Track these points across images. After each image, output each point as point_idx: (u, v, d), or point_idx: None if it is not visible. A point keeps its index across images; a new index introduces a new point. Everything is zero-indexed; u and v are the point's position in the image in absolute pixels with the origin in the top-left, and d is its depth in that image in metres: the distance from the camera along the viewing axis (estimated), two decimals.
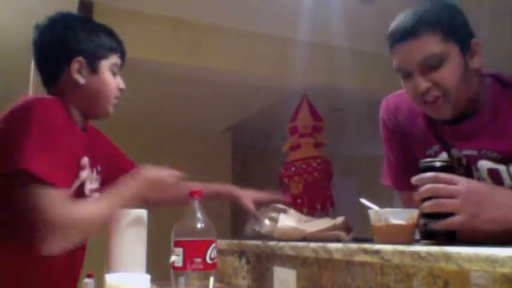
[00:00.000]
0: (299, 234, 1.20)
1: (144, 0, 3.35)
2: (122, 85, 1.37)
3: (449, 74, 1.10)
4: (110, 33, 1.37)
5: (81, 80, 1.28)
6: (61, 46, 1.28)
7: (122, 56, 1.38)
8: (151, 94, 4.79)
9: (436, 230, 0.94)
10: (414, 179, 0.96)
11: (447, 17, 1.11)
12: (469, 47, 1.13)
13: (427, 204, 0.93)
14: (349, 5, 3.33)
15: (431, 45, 1.09)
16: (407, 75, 1.15)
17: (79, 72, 1.28)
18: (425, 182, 0.94)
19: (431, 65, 1.10)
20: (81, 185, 1.26)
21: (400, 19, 1.14)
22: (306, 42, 3.67)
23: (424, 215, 0.96)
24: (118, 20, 3.47)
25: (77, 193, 1.22)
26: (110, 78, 1.33)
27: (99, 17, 3.19)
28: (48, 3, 1.47)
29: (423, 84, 1.11)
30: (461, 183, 0.93)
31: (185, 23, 3.58)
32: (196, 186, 1.22)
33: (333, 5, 3.31)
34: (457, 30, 1.11)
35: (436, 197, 0.93)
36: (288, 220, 1.27)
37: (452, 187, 0.92)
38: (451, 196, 0.91)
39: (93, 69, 1.30)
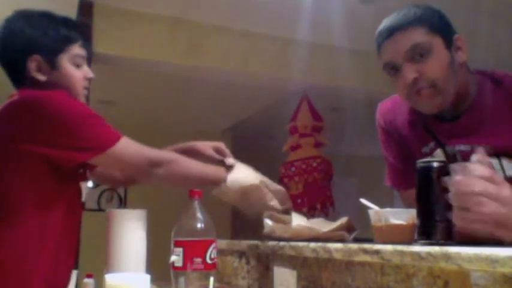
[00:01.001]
0: (314, 234, 1.18)
1: (144, 0, 3.35)
2: (90, 74, 1.35)
3: (435, 64, 1.14)
4: (67, 25, 1.33)
5: (42, 78, 1.27)
6: (16, 46, 1.27)
7: (85, 45, 1.35)
8: (151, 94, 4.79)
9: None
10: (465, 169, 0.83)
11: (430, 14, 1.18)
12: (453, 42, 1.18)
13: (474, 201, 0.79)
14: (349, 5, 3.33)
15: (417, 35, 1.15)
16: (396, 70, 1.19)
17: (39, 70, 1.27)
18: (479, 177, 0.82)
19: (417, 54, 1.15)
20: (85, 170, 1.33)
21: (385, 21, 1.21)
22: (306, 42, 3.67)
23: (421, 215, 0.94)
24: (118, 20, 3.48)
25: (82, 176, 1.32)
26: (73, 70, 1.31)
27: (99, 17, 3.19)
28: (48, 3, 1.47)
29: (411, 73, 1.15)
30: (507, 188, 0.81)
31: (185, 23, 3.58)
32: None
33: (333, 5, 3.31)
34: (440, 26, 1.17)
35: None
36: (301, 219, 1.26)
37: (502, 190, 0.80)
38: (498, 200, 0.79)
39: (53, 65, 1.28)
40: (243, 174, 1.35)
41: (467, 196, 0.81)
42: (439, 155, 1.24)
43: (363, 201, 1.10)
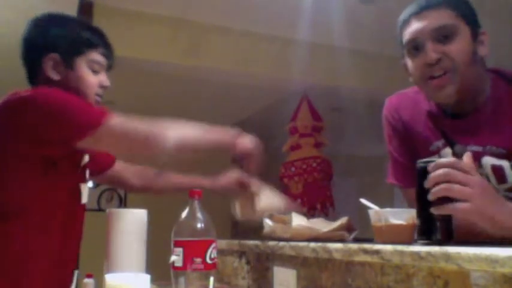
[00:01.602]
0: (314, 234, 1.18)
1: (144, 1, 3.35)
2: (106, 83, 1.34)
3: (459, 48, 1.13)
4: (91, 30, 1.35)
5: (56, 76, 1.27)
6: (39, 43, 1.28)
7: (106, 53, 1.34)
8: (151, 94, 4.79)
9: (435, 218, 0.88)
10: (432, 166, 0.90)
11: (461, 2, 1.18)
12: (478, 35, 1.17)
13: (436, 188, 0.87)
14: (349, 5, 3.33)
15: (446, 17, 1.14)
16: (417, 49, 1.17)
17: (54, 68, 1.27)
18: (443, 167, 0.89)
19: (444, 36, 1.14)
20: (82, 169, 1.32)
21: (414, 3, 1.19)
22: (306, 42, 3.67)
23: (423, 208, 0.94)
24: (118, 20, 3.48)
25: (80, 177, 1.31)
26: (88, 74, 1.30)
27: (99, 17, 3.19)
28: (49, 3, 1.47)
29: (435, 53, 1.13)
30: (478, 175, 0.90)
31: (185, 23, 3.58)
32: (187, 180, 1.47)
33: (333, 5, 3.31)
34: (469, 15, 1.17)
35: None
36: (301, 219, 1.26)
37: (468, 176, 0.88)
38: (464, 184, 0.86)
39: (68, 65, 1.28)
40: (270, 202, 1.34)
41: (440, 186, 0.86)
42: (446, 154, 1.22)
43: (363, 201, 1.10)
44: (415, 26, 1.17)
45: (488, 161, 1.16)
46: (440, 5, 1.15)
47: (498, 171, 1.15)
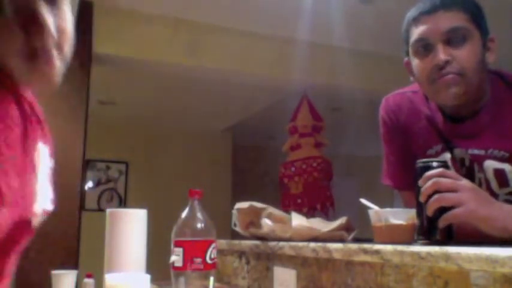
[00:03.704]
0: (314, 234, 1.18)
1: (144, 0, 3.35)
2: None
3: (470, 53, 1.11)
4: None
5: None
6: None
7: None
8: (152, 94, 4.79)
9: (438, 227, 0.92)
10: (421, 180, 0.94)
11: (474, 6, 1.16)
12: (487, 41, 1.16)
13: (430, 201, 0.92)
14: (349, 5, 3.33)
15: (460, 19, 1.12)
16: (427, 49, 1.14)
17: None
18: (431, 178, 0.93)
19: (455, 39, 1.11)
20: None
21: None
22: (306, 42, 3.67)
23: (422, 215, 0.95)
24: (118, 20, 3.48)
25: None
26: None
27: (99, 17, 3.19)
28: None
29: (444, 55, 1.11)
30: (465, 180, 0.94)
31: (185, 23, 3.58)
32: None
33: (333, 5, 3.31)
34: (481, 20, 1.15)
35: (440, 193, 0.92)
36: (301, 219, 1.25)
37: (456, 181, 0.92)
38: (454, 190, 0.91)
39: None
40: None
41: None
42: (446, 159, 1.19)
43: (363, 201, 1.10)
44: (426, 25, 1.13)
45: (491, 164, 1.15)
46: (453, 6, 1.12)
47: (500, 175, 1.14)
